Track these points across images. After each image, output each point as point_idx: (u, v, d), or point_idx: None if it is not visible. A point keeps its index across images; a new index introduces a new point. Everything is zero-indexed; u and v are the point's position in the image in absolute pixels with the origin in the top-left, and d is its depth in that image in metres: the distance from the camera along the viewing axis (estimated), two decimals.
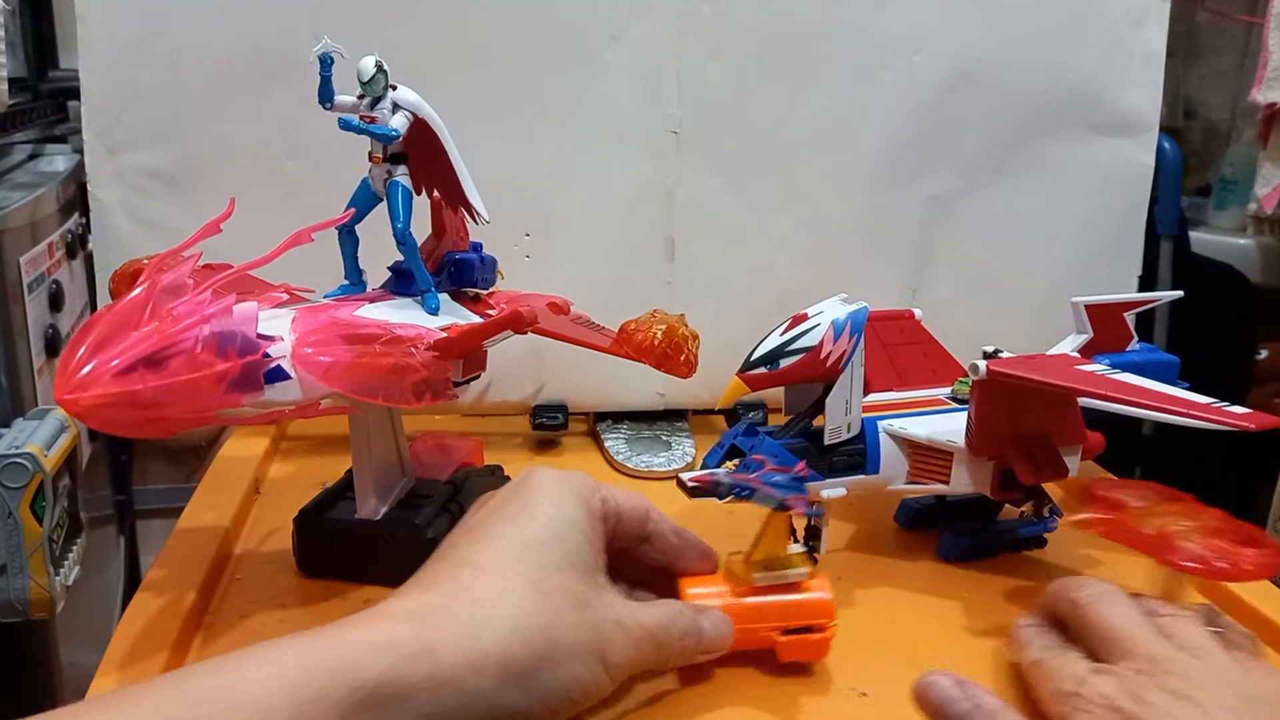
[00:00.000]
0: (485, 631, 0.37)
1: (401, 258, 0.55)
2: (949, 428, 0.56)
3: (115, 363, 0.39)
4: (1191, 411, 0.48)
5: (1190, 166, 1.58)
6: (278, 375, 0.45)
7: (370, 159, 0.54)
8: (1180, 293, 0.67)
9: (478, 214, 0.56)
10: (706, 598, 0.47)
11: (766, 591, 0.47)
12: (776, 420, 0.57)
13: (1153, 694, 0.38)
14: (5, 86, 0.85)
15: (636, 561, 0.48)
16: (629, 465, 0.74)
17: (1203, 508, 0.49)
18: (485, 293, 0.60)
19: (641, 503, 0.47)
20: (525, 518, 0.42)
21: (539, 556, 0.40)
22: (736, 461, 0.55)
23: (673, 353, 0.56)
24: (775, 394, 0.56)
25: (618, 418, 0.82)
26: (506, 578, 0.39)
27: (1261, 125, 1.31)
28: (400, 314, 0.52)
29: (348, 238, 0.55)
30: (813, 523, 0.59)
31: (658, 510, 0.48)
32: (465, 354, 0.54)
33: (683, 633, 0.44)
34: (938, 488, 0.57)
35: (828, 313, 0.53)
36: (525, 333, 0.54)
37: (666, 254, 0.79)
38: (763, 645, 0.47)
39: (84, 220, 0.90)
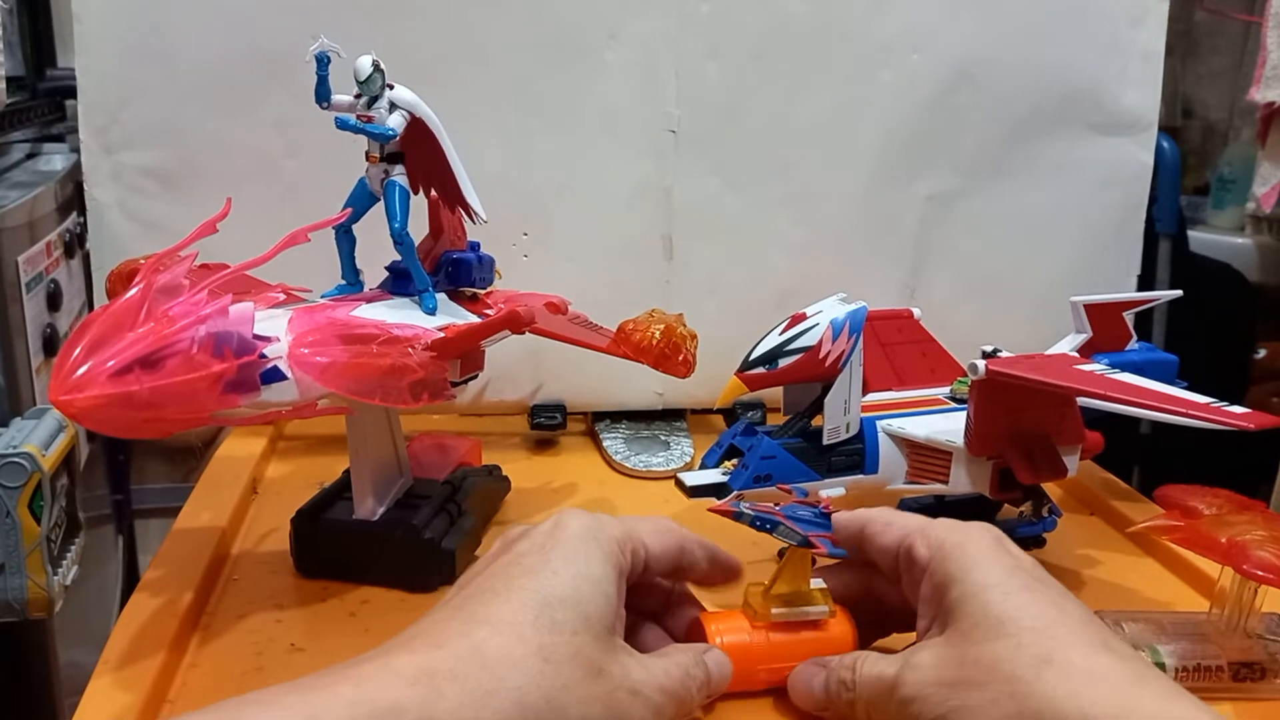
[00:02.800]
0: (490, 702, 0.35)
1: (399, 257, 0.55)
2: (948, 427, 0.56)
3: (111, 363, 0.39)
4: (1190, 411, 0.48)
5: (1189, 165, 1.58)
6: (274, 376, 0.44)
7: (367, 158, 0.54)
8: (1179, 292, 0.67)
9: (475, 213, 0.56)
10: (733, 634, 0.45)
11: (788, 629, 0.46)
12: (775, 420, 0.57)
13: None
14: (3, 85, 0.85)
15: (648, 589, 0.47)
16: (627, 465, 0.73)
17: (1276, 516, 0.49)
18: (483, 292, 0.60)
19: (673, 541, 0.45)
20: (548, 573, 0.40)
21: (555, 618, 0.38)
22: (735, 461, 0.55)
23: (671, 352, 0.56)
24: (774, 394, 0.56)
25: (616, 417, 0.81)
26: (520, 640, 0.37)
27: (1259, 124, 1.31)
28: (397, 314, 0.52)
29: (345, 237, 0.55)
30: None
31: (692, 538, 0.46)
32: (463, 354, 0.54)
33: (700, 684, 0.43)
34: (937, 487, 0.57)
35: (826, 312, 0.53)
36: (523, 332, 0.54)
37: (665, 253, 0.79)
38: (784, 684, 0.46)
39: (82, 219, 0.90)
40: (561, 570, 0.40)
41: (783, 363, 0.52)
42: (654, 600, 0.48)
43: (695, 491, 0.53)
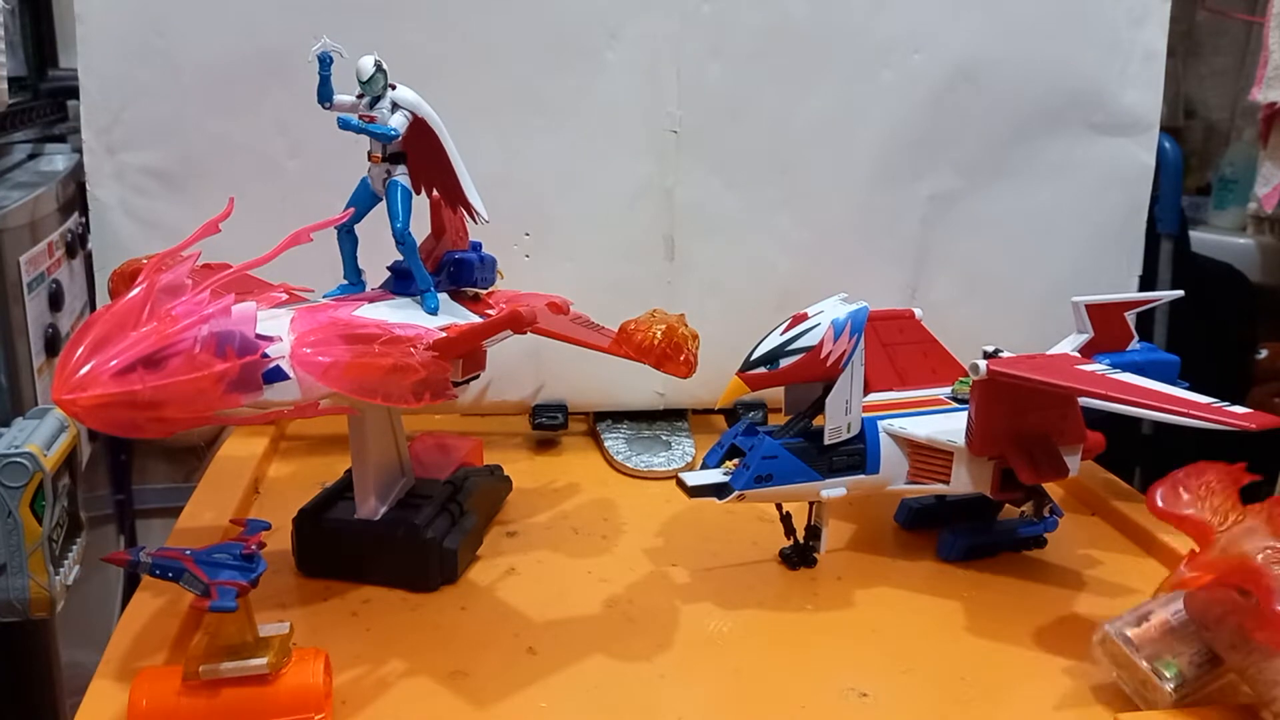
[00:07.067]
0: None
1: (401, 257, 0.55)
2: (949, 427, 0.56)
3: (114, 363, 0.39)
4: (1192, 411, 0.48)
5: (1190, 166, 1.58)
6: (277, 375, 0.45)
7: (369, 158, 0.54)
8: (1180, 292, 0.67)
9: (477, 213, 0.56)
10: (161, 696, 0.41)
11: (230, 685, 0.41)
12: (777, 420, 0.57)
13: None
14: (5, 86, 0.85)
15: None
16: (629, 465, 0.73)
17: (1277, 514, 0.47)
18: (485, 292, 0.60)
19: None
20: None
21: None
22: (737, 461, 0.55)
23: (672, 352, 0.56)
24: (775, 394, 0.56)
25: (617, 417, 0.81)
26: None
27: (1261, 125, 1.31)
28: (399, 314, 0.52)
29: (347, 237, 0.55)
30: (813, 522, 0.59)
31: None
32: (464, 354, 0.54)
33: None
34: (938, 487, 0.57)
35: (828, 312, 0.53)
36: (525, 332, 0.54)
37: (666, 253, 0.79)
38: None
39: (84, 220, 0.90)
40: None
41: (784, 363, 0.52)
42: None
43: (696, 491, 0.54)
